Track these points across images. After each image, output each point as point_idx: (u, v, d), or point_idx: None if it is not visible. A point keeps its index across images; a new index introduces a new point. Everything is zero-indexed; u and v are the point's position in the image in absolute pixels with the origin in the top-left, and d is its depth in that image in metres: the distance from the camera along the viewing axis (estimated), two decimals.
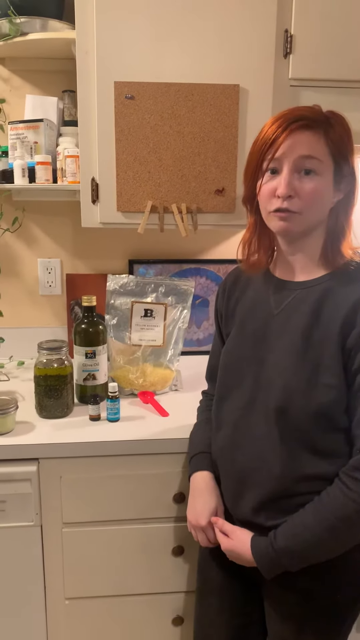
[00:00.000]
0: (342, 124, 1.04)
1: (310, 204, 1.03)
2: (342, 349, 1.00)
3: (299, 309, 1.07)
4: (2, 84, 1.75)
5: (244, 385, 1.11)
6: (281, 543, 1.02)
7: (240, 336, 1.16)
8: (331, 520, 0.98)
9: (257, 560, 1.05)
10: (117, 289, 1.66)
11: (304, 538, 1.00)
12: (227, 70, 1.46)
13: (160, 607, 1.47)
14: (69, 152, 1.59)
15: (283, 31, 1.46)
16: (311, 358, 1.02)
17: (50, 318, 1.93)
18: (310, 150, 1.00)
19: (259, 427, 1.07)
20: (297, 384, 1.02)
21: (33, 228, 1.86)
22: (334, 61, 1.48)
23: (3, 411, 1.34)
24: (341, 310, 1.01)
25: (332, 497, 0.99)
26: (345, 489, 0.98)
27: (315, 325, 1.04)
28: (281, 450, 1.04)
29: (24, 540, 1.37)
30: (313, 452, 1.02)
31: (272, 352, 1.08)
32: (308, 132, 1.00)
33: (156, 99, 1.45)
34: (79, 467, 1.35)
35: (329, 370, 1.01)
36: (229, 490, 1.15)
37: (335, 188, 1.05)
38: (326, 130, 1.02)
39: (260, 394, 1.08)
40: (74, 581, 1.42)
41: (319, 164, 1.01)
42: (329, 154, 1.02)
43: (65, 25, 1.57)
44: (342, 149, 1.03)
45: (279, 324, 1.09)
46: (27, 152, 1.64)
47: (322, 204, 1.05)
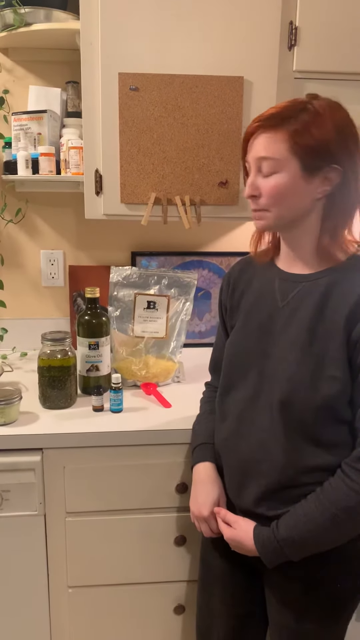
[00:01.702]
0: (317, 114, 1.00)
1: (274, 201, 1.05)
2: (347, 341, 1.01)
3: (304, 302, 1.07)
4: (6, 74, 1.74)
5: (249, 378, 1.12)
6: (283, 533, 1.03)
7: (245, 328, 1.16)
8: (333, 510, 0.99)
9: (260, 549, 1.06)
10: (120, 280, 1.67)
11: (306, 528, 1.01)
12: (232, 62, 1.45)
13: (162, 595, 1.49)
14: (73, 144, 1.59)
15: (288, 23, 1.46)
16: (316, 351, 1.03)
17: (53, 309, 1.94)
18: (265, 151, 1.02)
19: (263, 419, 1.08)
20: (301, 376, 1.03)
21: (36, 219, 1.86)
22: (338, 53, 1.48)
23: (7, 401, 1.35)
24: (347, 303, 1.01)
25: (335, 487, 1.00)
26: (348, 480, 0.99)
27: (320, 319, 1.04)
28: (285, 442, 1.05)
29: (27, 529, 1.39)
30: (316, 443, 1.03)
31: (277, 345, 1.08)
32: (265, 133, 1.02)
33: (160, 91, 1.45)
34: (83, 457, 1.36)
35: (334, 363, 1.01)
36: (231, 481, 1.16)
37: (308, 181, 1.02)
38: (288, 126, 1.00)
39: (265, 387, 1.08)
40: (76, 570, 1.44)
41: (276, 162, 1.02)
42: (288, 149, 1.01)
43: (69, 16, 1.57)
44: (307, 141, 0.99)
45: (284, 317, 1.09)
46: (31, 144, 1.64)
47: (290, 199, 1.03)
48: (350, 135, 1.01)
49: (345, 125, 1.01)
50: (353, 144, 1.02)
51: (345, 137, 1.00)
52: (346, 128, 1.01)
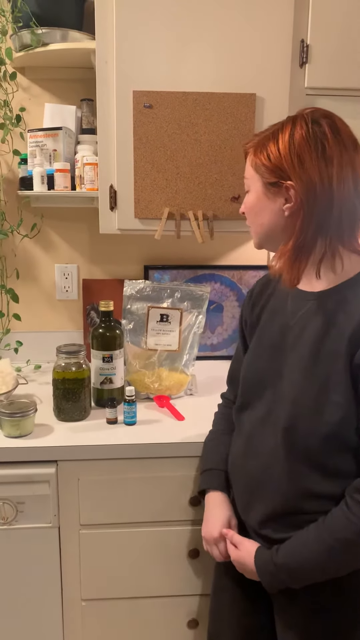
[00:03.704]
0: (278, 130, 1.01)
1: (248, 218, 1.11)
2: (349, 365, 0.97)
3: (311, 321, 1.04)
4: (22, 92, 1.78)
5: (264, 397, 1.10)
6: (281, 559, 1.02)
7: (259, 347, 1.15)
8: (330, 542, 0.96)
9: (259, 572, 1.06)
10: (133, 294, 1.69)
11: (303, 557, 0.99)
12: (244, 79, 1.48)
13: (175, 609, 1.48)
14: (88, 160, 1.62)
15: (299, 41, 1.48)
16: (320, 374, 0.99)
17: (67, 322, 1.96)
18: (245, 171, 1.09)
19: (269, 441, 1.06)
20: (305, 401, 1.00)
21: (51, 234, 1.89)
22: (349, 70, 1.50)
23: (23, 413, 1.37)
24: (350, 324, 0.98)
25: (335, 518, 0.97)
26: (347, 511, 0.96)
27: (325, 339, 1.01)
28: (287, 467, 1.03)
29: (42, 541, 1.39)
30: (322, 471, 1.00)
31: (287, 365, 1.06)
32: (249, 155, 1.07)
33: (174, 108, 1.47)
34: (97, 470, 1.37)
35: (337, 387, 0.97)
36: (240, 499, 1.16)
37: (271, 199, 1.03)
38: (253, 145, 1.06)
39: (276, 408, 1.06)
40: (90, 583, 1.44)
41: (248, 181, 1.08)
42: (253, 168, 1.05)
43: (85, 36, 1.60)
44: (262, 159, 1.02)
45: (294, 336, 1.07)
46: (46, 160, 1.67)
47: (260, 217, 1.07)
48: (306, 152, 0.97)
49: (304, 140, 0.98)
50: (311, 159, 0.97)
51: (300, 154, 0.98)
52: (305, 144, 0.98)
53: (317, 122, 1.00)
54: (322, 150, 0.98)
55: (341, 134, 1.00)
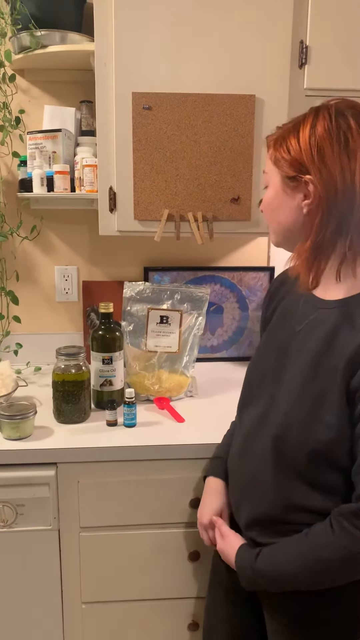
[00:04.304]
0: (300, 123, 0.97)
1: (266, 215, 1.06)
2: (346, 386, 0.92)
3: (315, 331, 1.00)
4: (22, 94, 1.78)
5: (261, 399, 1.08)
6: (260, 565, 1.01)
7: (266, 347, 1.13)
8: (309, 558, 0.95)
9: (238, 571, 1.06)
10: (133, 295, 1.69)
11: (281, 568, 0.99)
12: (243, 80, 1.48)
13: (176, 612, 1.48)
14: (87, 162, 1.62)
15: (298, 42, 1.48)
16: (316, 390, 0.95)
17: (67, 324, 1.95)
18: (264, 167, 1.05)
19: (261, 445, 1.04)
20: (297, 415, 0.97)
21: (51, 236, 1.89)
22: (349, 71, 1.50)
23: (22, 416, 1.37)
24: (353, 343, 0.92)
25: (317, 536, 0.95)
26: (330, 532, 0.93)
27: (326, 354, 0.96)
28: (274, 476, 1.01)
29: (41, 544, 1.39)
30: (308, 485, 0.97)
31: (288, 372, 1.03)
32: (269, 149, 1.03)
33: (173, 110, 1.47)
34: (97, 472, 1.36)
35: (331, 408, 0.93)
36: (232, 496, 1.16)
37: (290, 194, 0.98)
38: (277, 138, 1.01)
39: (272, 412, 1.04)
40: (90, 585, 1.44)
41: (267, 176, 1.04)
42: (273, 162, 1.01)
43: (84, 38, 1.60)
44: (282, 153, 0.97)
45: (298, 343, 1.03)
46: (46, 162, 1.67)
47: (278, 213, 1.02)
48: (327, 145, 0.93)
49: (327, 133, 0.93)
50: (332, 153, 0.92)
51: (321, 147, 0.93)
52: (327, 137, 0.93)
53: (342, 114, 0.94)
54: (345, 144, 0.92)
55: None
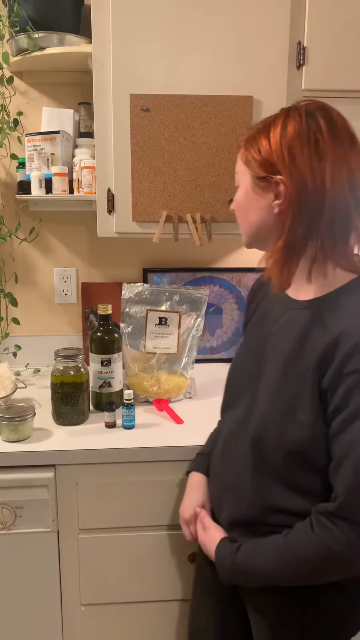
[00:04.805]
0: (271, 123, 0.97)
1: (237, 215, 1.07)
2: (318, 385, 0.92)
3: (288, 332, 1.00)
4: (20, 97, 1.78)
5: (242, 401, 1.08)
6: (239, 560, 1.01)
7: (245, 349, 1.14)
8: (288, 557, 0.95)
9: (217, 564, 1.06)
10: (132, 297, 1.69)
11: (259, 565, 0.99)
12: (241, 82, 1.48)
13: (175, 614, 1.47)
14: (85, 164, 1.62)
15: (296, 43, 1.48)
16: (290, 390, 0.96)
17: (66, 326, 1.95)
18: (235, 167, 1.05)
19: (241, 447, 1.04)
20: (272, 415, 0.97)
21: (49, 238, 1.89)
22: (347, 72, 1.50)
23: (21, 418, 1.36)
24: (323, 342, 0.92)
25: (296, 535, 0.95)
26: (310, 531, 0.93)
27: (298, 354, 0.96)
28: (253, 477, 1.01)
29: (40, 546, 1.39)
30: (286, 486, 0.97)
31: (265, 372, 1.03)
32: (240, 149, 1.04)
33: (171, 111, 1.47)
34: (95, 474, 1.36)
35: (305, 407, 0.93)
36: (213, 498, 1.17)
37: (260, 194, 0.98)
38: (248, 139, 1.01)
39: (250, 415, 1.04)
40: (90, 587, 1.44)
41: (238, 176, 1.05)
42: (243, 162, 1.02)
43: (82, 40, 1.60)
44: (253, 153, 0.98)
45: (272, 344, 1.03)
46: (44, 164, 1.67)
47: (249, 214, 1.02)
48: (297, 146, 0.93)
49: (297, 134, 0.93)
50: (302, 154, 0.93)
51: (291, 147, 0.93)
52: (297, 137, 0.93)
53: (312, 115, 0.94)
54: (316, 145, 0.92)
55: (337, 128, 0.94)
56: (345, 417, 0.89)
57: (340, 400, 0.89)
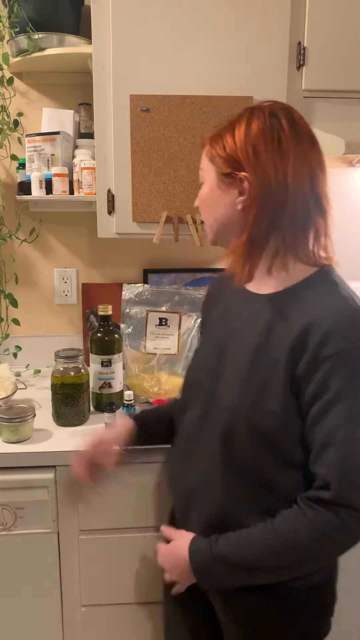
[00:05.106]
0: (235, 122, 0.99)
1: (202, 212, 1.08)
2: (290, 376, 0.93)
3: (252, 325, 1.00)
4: (20, 97, 1.78)
5: (200, 399, 1.06)
6: (221, 547, 0.97)
7: (206, 346, 1.12)
8: (276, 542, 0.93)
9: (193, 560, 0.99)
10: (132, 298, 1.69)
11: (244, 551, 0.96)
12: (241, 82, 1.48)
13: None
14: (85, 164, 1.62)
15: (296, 44, 1.48)
16: (258, 381, 0.96)
17: (66, 327, 1.95)
18: (200, 164, 1.06)
19: (207, 447, 1.02)
20: (242, 407, 0.96)
21: (50, 238, 1.89)
22: (346, 72, 1.50)
23: (21, 419, 1.37)
24: (291, 333, 0.93)
25: (286, 519, 0.94)
26: (302, 516, 0.92)
27: (264, 345, 0.97)
28: (224, 476, 0.99)
29: (41, 546, 1.39)
30: (260, 483, 0.97)
31: (227, 367, 1.02)
32: (205, 146, 1.05)
33: (171, 112, 1.47)
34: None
35: (274, 397, 0.94)
36: (178, 508, 1.12)
37: (225, 191, 1.00)
38: (213, 136, 1.03)
39: (212, 411, 1.03)
40: (90, 588, 1.43)
41: (202, 172, 1.06)
42: (208, 159, 1.03)
43: (81, 40, 1.60)
44: (218, 150, 1.00)
45: (236, 338, 1.03)
46: (44, 164, 1.67)
47: (213, 210, 1.04)
48: (261, 144, 0.95)
49: (261, 132, 0.96)
50: (266, 151, 0.95)
51: (255, 145, 0.96)
52: (261, 135, 0.96)
53: (275, 115, 0.97)
54: (279, 143, 0.96)
55: (299, 128, 0.98)
56: (325, 403, 0.90)
57: (318, 386, 0.91)
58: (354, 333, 0.91)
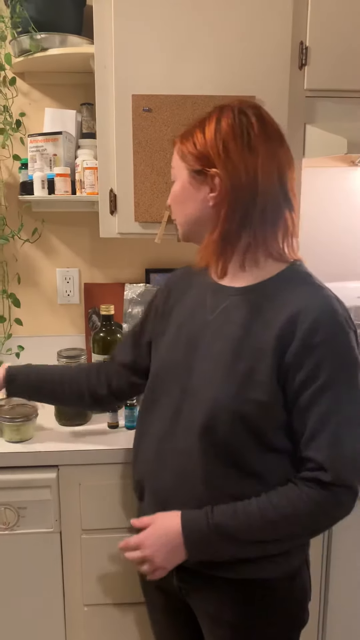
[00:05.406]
0: (205, 119, 1.02)
1: (173, 209, 1.09)
2: (277, 365, 0.94)
3: (231, 317, 1.01)
4: (22, 97, 1.79)
5: (171, 394, 1.06)
6: (218, 517, 0.96)
7: (175, 341, 1.10)
8: (274, 515, 0.95)
9: (187, 531, 0.98)
10: (134, 297, 1.69)
11: (241, 522, 0.96)
12: (243, 82, 1.48)
13: None
14: (88, 164, 1.62)
15: (298, 43, 1.48)
16: (241, 372, 0.97)
17: (69, 326, 1.96)
18: (171, 162, 1.08)
19: (183, 441, 1.02)
20: (224, 397, 0.97)
21: (52, 238, 1.89)
22: (349, 72, 1.50)
23: (24, 419, 1.37)
24: (277, 323, 0.95)
25: (282, 494, 0.95)
26: (299, 492, 0.94)
27: (246, 337, 0.98)
28: (203, 469, 0.99)
29: (43, 546, 1.39)
30: (241, 471, 0.98)
31: (202, 360, 1.02)
32: (176, 144, 1.06)
33: (173, 111, 1.47)
34: (98, 474, 1.37)
35: (260, 386, 0.95)
36: (150, 508, 1.09)
37: (196, 187, 1.02)
38: (184, 134, 1.05)
39: (186, 405, 1.02)
40: (92, 588, 1.44)
41: (174, 170, 1.07)
42: (180, 156, 1.05)
43: (84, 40, 1.60)
44: (189, 147, 1.02)
45: (212, 331, 1.03)
46: (47, 164, 1.68)
47: (185, 207, 1.06)
48: (231, 140, 0.97)
49: (231, 129, 0.98)
50: (236, 148, 0.97)
51: (226, 142, 0.97)
52: (231, 132, 0.98)
53: (244, 112, 1.00)
54: (248, 140, 0.97)
55: (268, 125, 1.00)
56: (316, 389, 0.93)
57: (308, 373, 0.93)
58: (339, 321, 0.95)
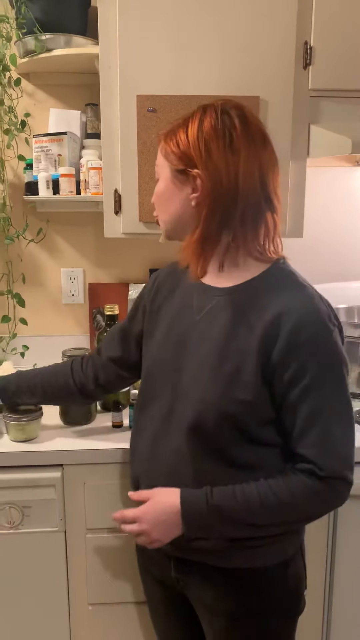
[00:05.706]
0: (188, 119, 1.02)
1: (156, 207, 1.10)
2: (263, 364, 0.96)
3: (217, 317, 1.02)
4: (27, 98, 1.79)
5: (164, 393, 1.07)
6: (217, 498, 0.97)
7: (165, 341, 1.10)
8: (273, 500, 0.96)
9: (186, 508, 0.98)
10: None
11: (240, 505, 0.97)
12: (248, 82, 1.48)
13: None
14: (92, 164, 1.63)
15: (303, 43, 1.48)
16: (227, 372, 0.98)
17: (73, 326, 1.96)
18: (156, 160, 1.08)
19: (174, 439, 1.03)
20: (211, 398, 0.98)
21: (57, 238, 1.90)
22: (353, 72, 1.49)
23: (28, 418, 1.37)
24: (261, 323, 0.96)
25: (282, 481, 0.97)
26: (297, 480, 0.96)
27: (232, 337, 0.99)
28: (193, 467, 1.01)
29: (48, 545, 1.39)
30: (232, 466, 0.99)
31: (190, 360, 1.03)
32: (160, 142, 1.06)
33: (177, 112, 1.47)
34: (103, 474, 1.37)
35: (245, 386, 0.97)
36: None
37: (179, 187, 1.02)
38: (167, 133, 1.05)
39: (178, 404, 1.04)
40: (97, 587, 1.44)
41: (158, 169, 1.08)
42: (163, 155, 1.05)
43: (88, 41, 1.61)
44: (172, 146, 1.02)
45: (199, 331, 1.04)
46: (51, 165, 1.68)
47: (167, 206, 1.06)
48: (213, 141, 0.97)
49: (213, 129, 0.98)
50: (218, 148, 0.97)
51: (208, 142, 0.97)
52: (213, 133, 0.98)
53: (227, 113, 0.99)
54: (230, 141, 0.97)
55: (250, 127, 0.99)
56: (303, 388, 0.95)
57: (295, 372, 0.95)
58: (322, 319, 0.96)
